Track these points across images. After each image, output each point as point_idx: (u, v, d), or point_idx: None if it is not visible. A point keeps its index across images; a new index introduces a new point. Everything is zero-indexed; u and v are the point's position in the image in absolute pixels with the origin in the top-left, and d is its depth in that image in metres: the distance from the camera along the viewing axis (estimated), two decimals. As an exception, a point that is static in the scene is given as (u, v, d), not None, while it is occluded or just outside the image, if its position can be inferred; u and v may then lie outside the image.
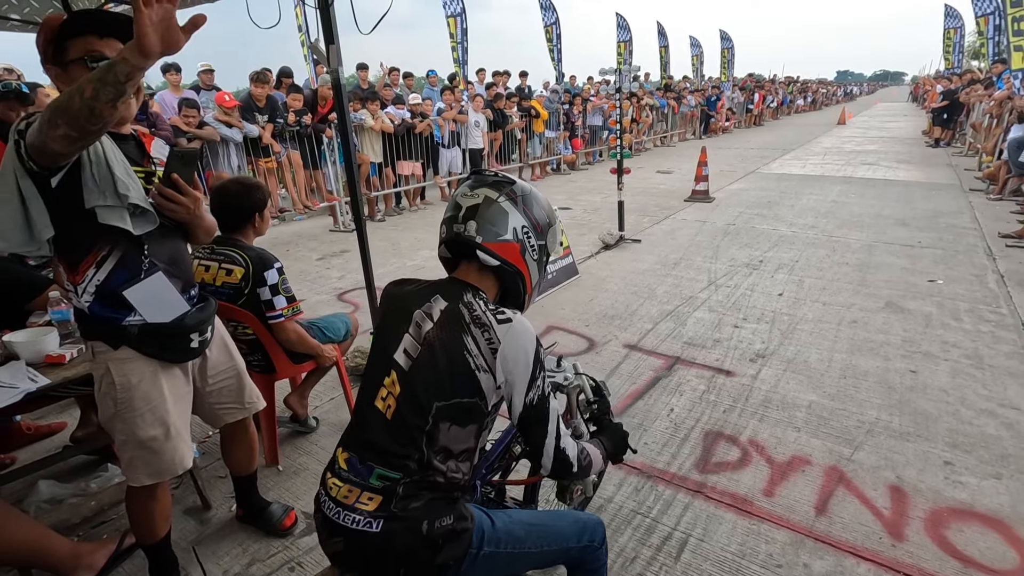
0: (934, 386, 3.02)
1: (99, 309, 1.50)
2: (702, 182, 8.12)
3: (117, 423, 1.58)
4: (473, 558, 1.17)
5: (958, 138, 12.78)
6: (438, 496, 1.15)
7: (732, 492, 2.30)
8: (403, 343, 1.19)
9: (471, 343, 1.14)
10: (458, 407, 1.14)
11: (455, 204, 1.26)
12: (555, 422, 1.21)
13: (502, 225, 1.22)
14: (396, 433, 1.14)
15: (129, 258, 1.51)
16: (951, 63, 19.82)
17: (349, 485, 1.15)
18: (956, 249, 5.35)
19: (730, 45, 22.34)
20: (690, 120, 17.77)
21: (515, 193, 1.26)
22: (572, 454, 1.25)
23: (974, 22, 12.39)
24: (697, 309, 4.18)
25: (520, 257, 1.25)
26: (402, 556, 1.11)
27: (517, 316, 1.17)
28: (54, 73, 1.42)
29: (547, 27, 13.80)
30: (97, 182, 1.39)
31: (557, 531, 1.31)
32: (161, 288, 1.56)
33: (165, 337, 1.59)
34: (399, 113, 8.01)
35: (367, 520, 1.11)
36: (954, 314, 3.90)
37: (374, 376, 1.21)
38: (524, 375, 1.15)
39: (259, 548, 2.09)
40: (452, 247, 1.31)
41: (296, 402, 2.74)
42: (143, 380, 1.57)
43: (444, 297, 1.21)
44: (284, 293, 2.30)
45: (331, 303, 4.66)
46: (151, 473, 1.64)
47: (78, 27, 1.39)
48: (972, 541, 2.01)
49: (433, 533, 1.12)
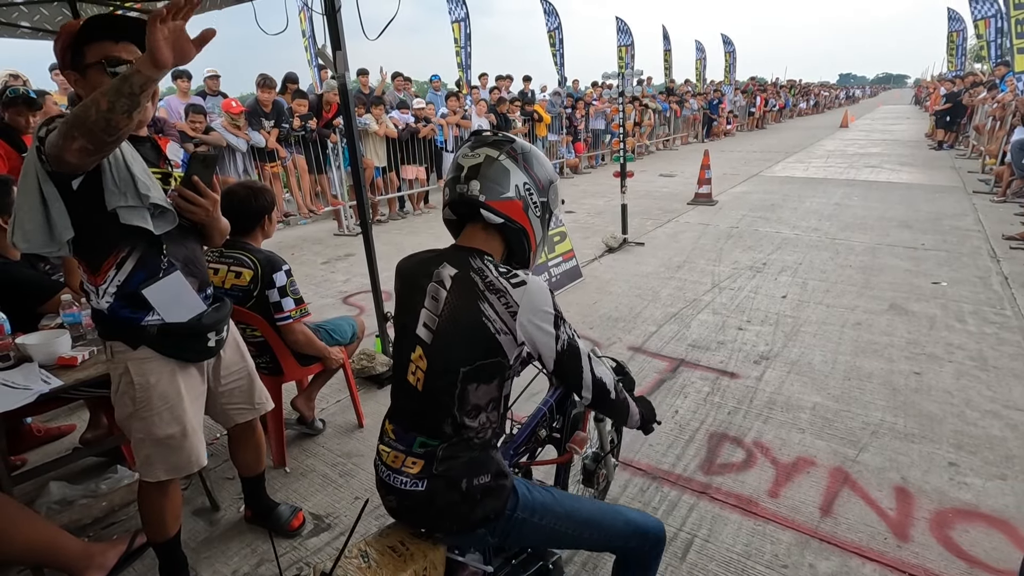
0: (939, 388, 3.02)
1: (119, 309, 1.54)
2: (705, 185, 8.14)
3: (135, 422, 1.61)
4: (508, 518, 1.25)
5: (961, 141, 12.77)
6: (475, 455, 1.22)
7: (737, 493, 2.31)
8: (422, 317, 1.23)
9: (488, 309, 1.17)
10: (481, 368, 1.19)
11: (456, 165, 1.27)
12: (586, 357, 1.27)
13: (504, 183, 1.23)
14: (429, 403, 1.21)
15: (148, 258, 1.54)
16: (954, 66, 19.80)
17: (395, 452, 1.25)
18: (960, 251, 5.35)
19: (732, 49, 22.39)
20: (692, 124, 17.79)
21: (516, 151, 1.26)
22: (608, 380, 1.32)
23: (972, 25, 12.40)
24: (701, 312, 4.19)
25: (524, 214, 1.27)
26: (445, 510, 1.20)
27: (530, 277, 1.20)
28: (73, 78, 1.46)
29: (550, 32, 13.87)
30: (118, 184, 1.43)
31: (604, 524, 1.36)
32: (179, 287, 1.59)
33: (183, 336, 1.62)
34: (403, 118, 8.06)
35: (413, 481, 1.21)
36: (958, 316, 3.90)
37: (402, 352, 1.27)
38: (548, 331, 1.20)
39: (268, 548, 2.10)
40: (456, 208, 1.32)
41: (303, 404, 2.76)
42: (161, 379, 1.61)
43: (452, 264, 1.23)
44: (292, 295, 2.32)
45: (336, 306, 4.69)
46: (168, 469, 1.67)
47: (95, 32, 1.43)
48: (977, 541, 2.02)
49: (472, 489, 1.20)
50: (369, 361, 3.29)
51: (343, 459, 2.64)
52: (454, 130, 8.75)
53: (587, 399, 1.31)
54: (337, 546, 2.10)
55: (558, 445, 1.79)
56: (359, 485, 2.44)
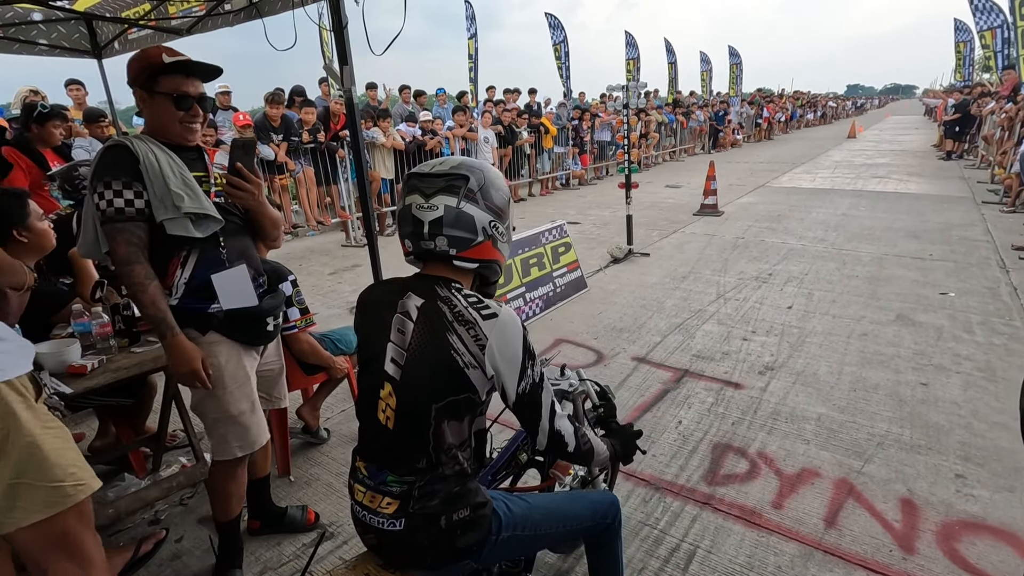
0: (946, 399, 3.00)
1: (188, 302, 1.72)
2: (711, 196, 8.15)
3: (209, 402, 1.78)
4: (494, 543, 1.24)
5: (970, 151, 12.70)
6: (451, 490, 1.18)
7: (741, 504, 2.30)
8: (389, 352, 1.18)
9: (456, 341, 1.13)
10: (452, 404, 1.16)
11: (413, 219, 1.19)
12: (548, 404, 1.23)
13: (471, 230, 1.18)
14: (401, 442, 1.18)
15: (208, 253, 1.73)
16: (962, 76, 19.75)
17: (371, 492, 1.21)
18: (968, 262, 5.31)
19: (738, 61, 22.48)
20: (699, 135, 17.84)
21: (472, 191, 1.18)
22: (567, 433, 1.26)
23: (978, 36, 12.38)
24: (706, 322, 4.19)
25: (494, 249, 1.24)
26: (427, 547, 1.19)
27: (503, 309, 1.17)
28: (139, 95, 1.69)
29: (555, 45, 14.01)
30: (160, 198, 1.61)
31: (572, 513, 1.39)
32: (242, 279, 1.76)
33: (248, 320, 1.81)
34: (410, 131, 8.15)
35: (391, 521, 1.18)
36: (966, 327, 3.87)
37: (370, 388, 1.22)
38: (515, 367, 1.16)
39: (271, 557, 2.12)
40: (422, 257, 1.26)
41: (308, 413, 2.78)
42: (231, 360, 1.79)
43: (417, 294, 1.19)
44: (298, 305, 2.36)
45: (343, 316, 4.73)
46: (242, 445, 1.84)
47: (172, 67, 1.66)
48: (984, 555, 1.99)
49: (452, 524, 1.18)
50: (374, 371, 3.31)
51: (347, 468, 2.64)
52: (460, 143, 8.84)
53: (541, 445, 1.26)
54: (343, 553, 2.11)
55: (541, 469, 1.77)
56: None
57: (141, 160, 1.61)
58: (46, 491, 1.28)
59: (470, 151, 9.07)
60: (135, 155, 1.61)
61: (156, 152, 1.65)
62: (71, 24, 4.38)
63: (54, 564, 1.33)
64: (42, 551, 1.33)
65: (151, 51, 1.67)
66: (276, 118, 6.80)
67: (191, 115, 1.71)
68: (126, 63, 1.70)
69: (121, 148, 1.62)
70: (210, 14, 3.55)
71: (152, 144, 1.67)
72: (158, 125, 1.71)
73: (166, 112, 1.68)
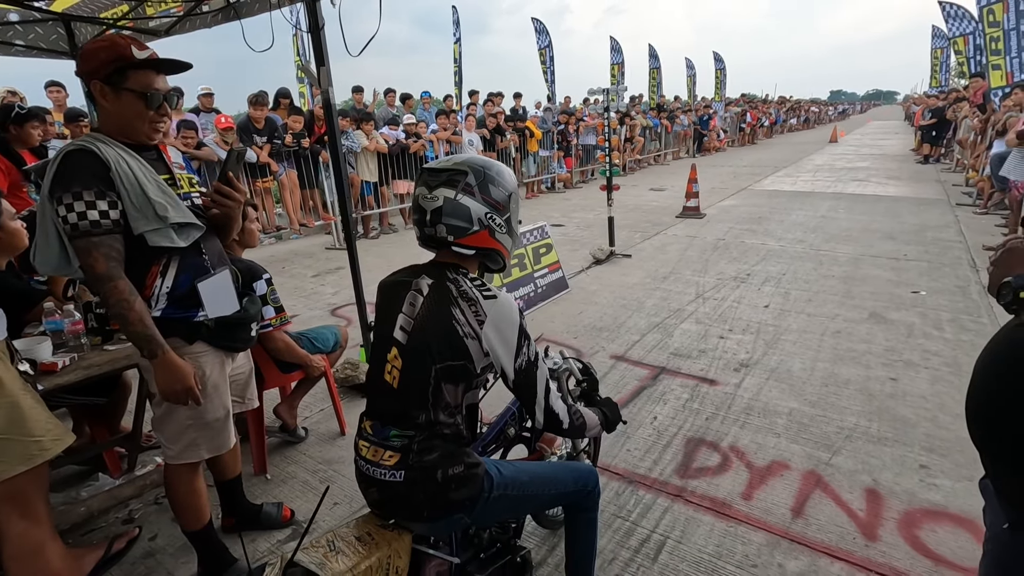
0: (914, 393, 3.07)
1: (172, 312, 1.66)
2: (693, 199, 8.25)
3: (186, 409, 1.72)
4: (486, 500, 1.35)
5: (946, 155, 12.97)
6: (447, 448, 1.31)
7: (711, 496, 2.34)
8: (399, 322, 1.33)
9: (459, 314, 1.27)
10: (451, 368, 1.29)
11: (419, 207, 1.35)
12: (543, 384, 1.35)
13: (467, 219, 1.31)
14: (404, 398, 1.31)
15: (189, 261, 1.67)
16: (938, 82, 20.18)
17: (374, 446, 1.33)
18: (941, 262, 5.43)
19: (723, 66, 22.76)
20: (683, 139, 18.03)
21: (471, 185, 1.31)
22: (561, 410, 1.39)
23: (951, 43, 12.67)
24: (684, 321, 4.25)
25: (491, 239, 1.36)
26: (423, 500, 1.29)
27: (502, 293, 1.31)
28: (99, 89, 1.53)
29: (541, 50, 14.11)
30: (139, 208, 1.53)
31: (557, 479, 1.52)
32: (227, 284, 1.75)
33: (235, 327, 1.80)
34: (393, 134, 8.17)
35: (392, 472, 1.29)
36: (936, 324, 3.96)
37: (379, 354, 1.37)
38: (510, 344, 1.28)
39: (248, 553, 2.12)
40: (428, 243, 1.40)
41: (285, 412, 2.79)
42: (214, 370, 1.77)
43: (429, 276, 1.35)
44: (272, 303, 2.37)
45: (324, 318, 4.72)
46: (211, 448, 1.83)
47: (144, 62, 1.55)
48: (943, 541, 2.05)
49: (447, 478, 1.29)
50: (353, 370, 3.32)
51: (324, 466, 2.66)
52: (444, 146, 8.87)
53: (539, 423, 1.37)
54: (314, 550, 2.12)
55: (528, 444, 1.85)
56: (339, 491, 2.46)
57: (112, 167, 1.50)
58: (25, 446, 1.35)
59: (454, 154, 9.11)
60: (104, 162, 1.49)
61: (126, 158, 1.55)
62: (49, 25, 4.35)
63: (7, 521, 1.36)
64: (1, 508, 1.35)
65: (117, 41, 1.53)
66: (260, 120, 6.79)
67: (160, 113, 1.62)
68: (83, 53, 1.56)
69: (86, 153, 1.49)
70: (188, 15, 3.56)
71: (118, 148, 1.56)
72: (121, 123, 1.59)
73: (133, 110, 1.57)
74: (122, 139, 1.60)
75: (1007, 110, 7.22)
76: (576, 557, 1.63)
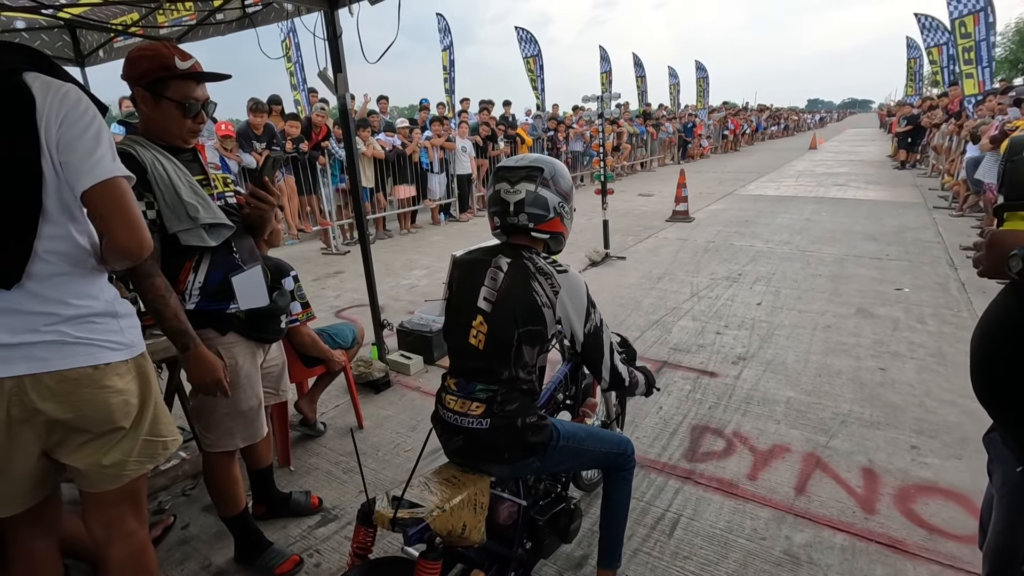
0: (902, 381, 3.25)
1: (205, 305, 1.74)
2: (682, 203, 8.46)
3: (223, 399, 1.79)
4: (554, 447, 1.56)
5: (922, 160, 13.42)
6: (524, 400, 1.52)
7: (719, 477, 2.48)
8: (482, 293, 1.52)
9: (537, 286, 1.48)
10: (530, 332, 1.49)
11: (501, 199, 1.55)
12: (609, 347, 1.58)
13: (545, 209, 1.54)
14: (489, 358, 1.50)
15: (220, 257, 1.76)
16: (913, 90, 20.83)
17: (460, 399, 1.53)
18: (921, 261, 5.68)
19: (705, 75, 23.23)
20: (669, 146, 18.37)
21: (547, 179, 1.55)
22: (623, 371, 1.65)
23: (926, 53, 13.16)
24: (681, 318, 4.40)
25: (561, 223, 1.60)
26: (505, 441, 1.49)
27: (571, 268, 1.54)
28: (142, 95, 1.62)
29: (527, 59, 14.30)
30: (172, 209, 1.61)
31: (605, 439, 1.74)
32: (259, 279, 1.83)
33: (265, 319, 1.89)
34: (390, 140, 8.28)
35: (478, 420, 1.49)
36: (919, 318, 4.17)
37: (463, 321, 1.55)
38: (581, 311, 1.51)
39: (279, 539, 2.20)
40: (506, 230, 1.60)
41: (306, 406, 2.87)
42: (247, 360, 1.85)
43: (506, 256, 1.55)
44: (299, 299, 2.47)
45: (329, 320, 4.79)
46: (246, 437, 1.91)
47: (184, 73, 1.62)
48: (936, 512, 2.21)
49: (526, 425, 1.50)
50: (367, 368, 3.41)
51: (345, 458, 2.75)
52: (439, 152, 8.99)
53: (605, 382, 1.61)
54: (346, 534, 2.22)
55: (572, 411, 2.07)
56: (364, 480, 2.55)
57: (149, 169, 1.58)
58: (155, 445, 1.41)
59: (448, 161, 9.23)
60: (142, 164, 1.57)
61: (162, 160, 1.63)
62: (54, 32, 4.41)
63: (121, 521, 1.40)
64: (119, 507, 1.40)
65: (161, 51, 1.60)
66: (259, 127, 6.86)
67: (197, 122, 1.70)
68: (128, 59, 1.61)
69: (125, 156, 1.55)
70: (201, 24, 3.65)
71: (155, 151, 1.64)
72: (159, 128, 1.66)
73: (172, 117, 1.64)
74: (160, 142, 1.68)
75: (981, 116, 7.56)
76: (612, 512, 1.81)
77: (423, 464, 2.30)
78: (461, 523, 1.39)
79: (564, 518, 1.77)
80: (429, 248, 7.53)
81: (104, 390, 1.28)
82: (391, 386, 3.49)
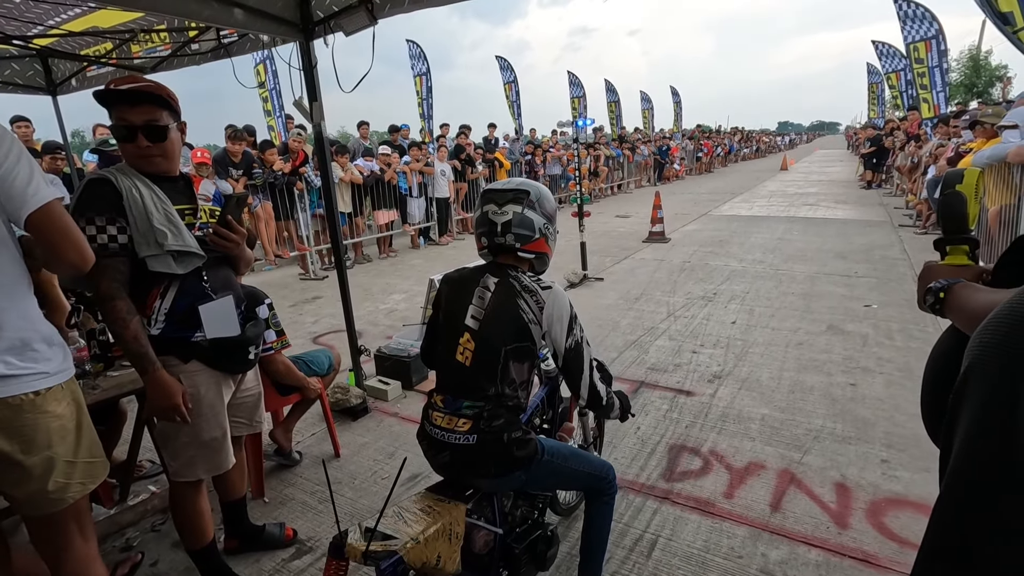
0: (871, 396, 3.33)
1: (171, 331, 1.74)
2: (658, 224, 8.62)
3: (183, 427, 1.77)
4: (539, 461, 1.59)
5: (887, 180, 13.90)
6: (510, 416, 1.56)
7: (696, 496, 2.50)
8: (470, 311, 1.57)
9: (523, 304, 1.53)
10: (518, 349, 1.55)
11: (489, 221, 1.61)
12: (589, 363, 1.62)
13: (531, 229, 1.61)
14: (476, 375, 1.55)
15: (189, 286, 1.76)
16: (876, 113, 21.67)
17: (448, 416, 1.56)
18: (888, 277, 5.85)
19: (679, 100, 23.91)
20: (644, 168, 18.75)
21: (533, 201, 1.62)
22: (602, 389, 1.68)
23: (885, 78, 13.75)
24: (658, 338, 4.46)
25: (546, 244, 1.67)
26: (492, 456, 1.53)
27: (555, 285, 1.59)
28: None
29: (506, 84, 14.60)
30: (143, 234, 1.63)
31: (587, 459, 1.77)
32: (227, 309, 1.81)
33: (232, 349, 1.86)
34: (368, 165, 8.32)
35: (464, 436, 1.52)
36: (887, 334, 4.28)
37: (451, 338, 1.59)
38: (564, 326, 1.55)
39: (251, 573, 2.15)
40: (493, 250, 1.66)
41: (281, 436, 2.83)
42: (210, 390, 1.82)
43: (493, 275, 1.61)
44: (274, 327, 2.46)
45: (307, 346, 4.74)
46: (208, 468, 1.88)
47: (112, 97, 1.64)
48: (907, 525, 2.25)
49: (511, 440, 1.53)
50: (344, 394, 3.38)
51: (321, 487, 2.70)
52: (417, 177, 9.05)
53: (584, 399, 1.65)
54: (321, 566, 2.17)
55: (549, 435, 2.09)
56: (338, 510, 2.51)
57: (124, 196, 1.61)
58: (94, 466, 1.46)
59: (427, 185, 9.29)
60: (118, 190, 1.61)
61: (140, 187, 1.65)
62: (25, 61, 4.38)
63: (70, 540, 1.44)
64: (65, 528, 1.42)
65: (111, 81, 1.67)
66: (237, 154, 6.85)
67: (136, 146, 1.66)
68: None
69: (103, 182, 1.61)
70: (176, 55, 3.66)
71: (135, 178, 1.66)
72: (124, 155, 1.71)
73: (119, 144, 1.68)
74: (139, 169, 1.69)
75: (940, 137, 7.89)
76: (592, 537, 1.81)
77: (399, 491, 2.28)
78: (436, 554, 1.39)
79: (541, 544, 1.76)
80: (408, 272, 7.52)
81: (45, 415, 1.32)
82: (369, 412, 3.46)
